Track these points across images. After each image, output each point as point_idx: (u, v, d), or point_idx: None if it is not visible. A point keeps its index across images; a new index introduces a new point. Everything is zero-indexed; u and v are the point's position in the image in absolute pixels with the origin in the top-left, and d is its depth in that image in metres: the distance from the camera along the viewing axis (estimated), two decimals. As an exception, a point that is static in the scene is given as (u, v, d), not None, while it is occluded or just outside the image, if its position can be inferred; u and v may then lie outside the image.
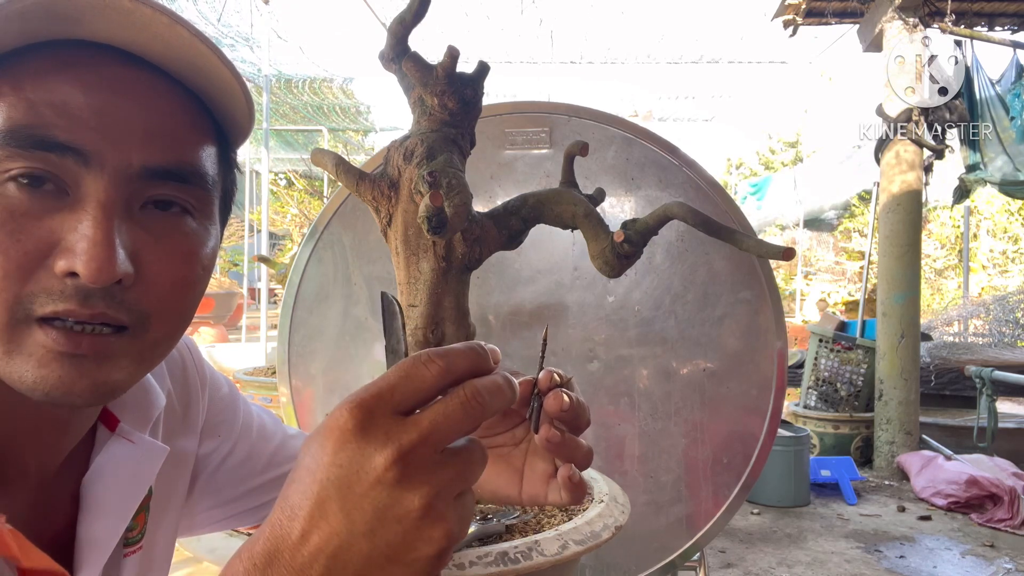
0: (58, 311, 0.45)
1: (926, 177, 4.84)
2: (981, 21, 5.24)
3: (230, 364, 5.23)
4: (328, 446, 0.37)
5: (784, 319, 2.14)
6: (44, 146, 0.45)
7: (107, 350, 0.48)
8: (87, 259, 0.45)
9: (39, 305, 0.45)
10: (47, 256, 0.45)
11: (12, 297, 0.45)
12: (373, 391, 0.38)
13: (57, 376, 0.46)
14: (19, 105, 0.45)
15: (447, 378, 0.40)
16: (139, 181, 0.48)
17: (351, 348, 2.23)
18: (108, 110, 0.47)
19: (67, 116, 0.46)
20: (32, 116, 0.45)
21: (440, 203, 1.08)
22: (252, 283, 9.86)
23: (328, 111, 10.93)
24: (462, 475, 0.39)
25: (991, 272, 13.05)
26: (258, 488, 0.78)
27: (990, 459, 4.25)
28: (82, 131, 0.46)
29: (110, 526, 0.57)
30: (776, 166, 19.14)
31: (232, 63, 0.51)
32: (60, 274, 0.45)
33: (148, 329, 0.50)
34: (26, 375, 0.46)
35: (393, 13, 1.51)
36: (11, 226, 0.44)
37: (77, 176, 0.46)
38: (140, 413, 0.61)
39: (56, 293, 0.45)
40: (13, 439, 0.51)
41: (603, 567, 2.10)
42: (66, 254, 0.45)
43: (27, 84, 0.46)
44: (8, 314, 0.45)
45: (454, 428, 0.39)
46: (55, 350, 0.46)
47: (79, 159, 0.46)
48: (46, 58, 0.47)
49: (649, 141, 2.17)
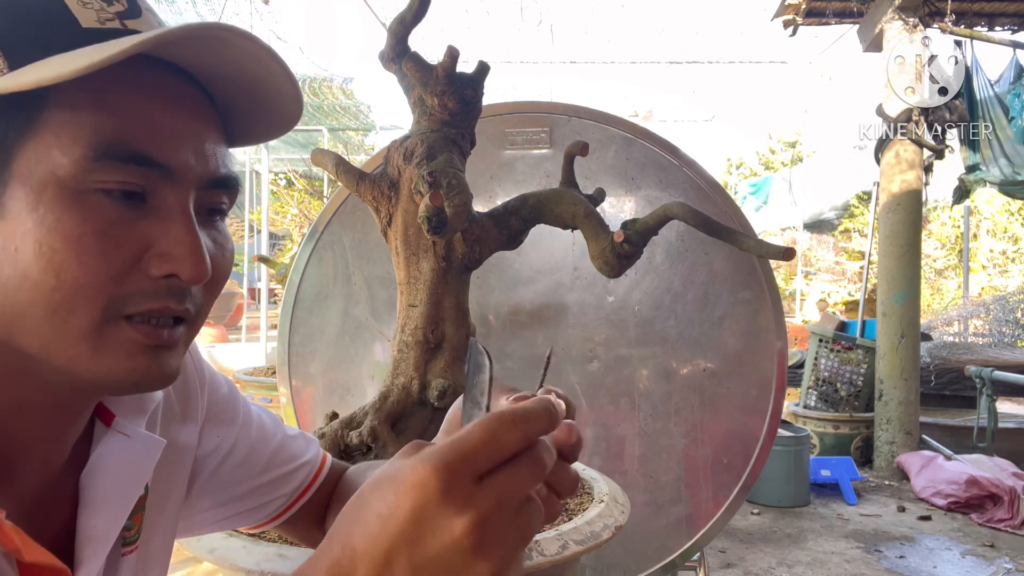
0: (154, 308, 0.50)
1: (926, 177, 4.84)
2: (981, 21, 5.24)
3: (230, 364, 5.23)
4: (407, 501, 0.38)
5: (784, 319, 2.14)
6: (137, 161, 0.48)
7: (175, 339, 0.53)
8: (189, 262, 0.50)
9: (133, 304, 0.49)
10: (139, 260, 0.49)
11: (107, 298, 0.48)
12: (458, 453, 0.39)
13: (145, 366, 0.51)
14: (107, 120, 0.48)
15: (525, 444, 0.41)
16: (204, 191, 0.53)
17: (351, 348, 2.23)
18: (182, 126, 0.51)
19: (153, 132, 0.49)
20: (123, 131, 0.48)
21: (440, 203, 1.08)
22: (252, 283, 9.86)
23: (328, 111, 10.92)
24: (524, 536, 0.40)
25: (991, 272, 13.05)
26: (257, 488, 0.78)
27: (990, 459, 4.25)
28: (166, 147, 0.50)
29: (109, 520, 0.57)
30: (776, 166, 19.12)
31: (300, 88, 0.57)
32: (158, 276, 0.50)
33: (199, 319, 0.56)
34: (116, 368, 0.50)
35: (393, 13, 1.51)
36: (111, 234, 0.48)
37: (158, 187, 0.50)
38: (135, 407, 0.62)
39: (150, 293, 0.50)
40: (22, 436, 0.52)
41: (603, 567, 2.10)
42: (164, 259, 0.50)
43: (110, 99, 0.48)
44: (102, 314, 0.48)
45: (523, 492, 0.40)
46: (144, 343, 0.50)
47: (163, 172, 0.50)
48: (120, 76, 0.49)
49: (649, 141, 2.17)
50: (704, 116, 13.19)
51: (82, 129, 0.47)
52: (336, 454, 1.25)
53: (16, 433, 0.52)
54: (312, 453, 0.83)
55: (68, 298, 0.47)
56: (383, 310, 2.21)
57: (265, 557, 1.03)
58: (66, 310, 0.47)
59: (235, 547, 1.06)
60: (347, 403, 2.16)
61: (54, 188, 0.46)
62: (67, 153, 0.46)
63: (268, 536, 1.11)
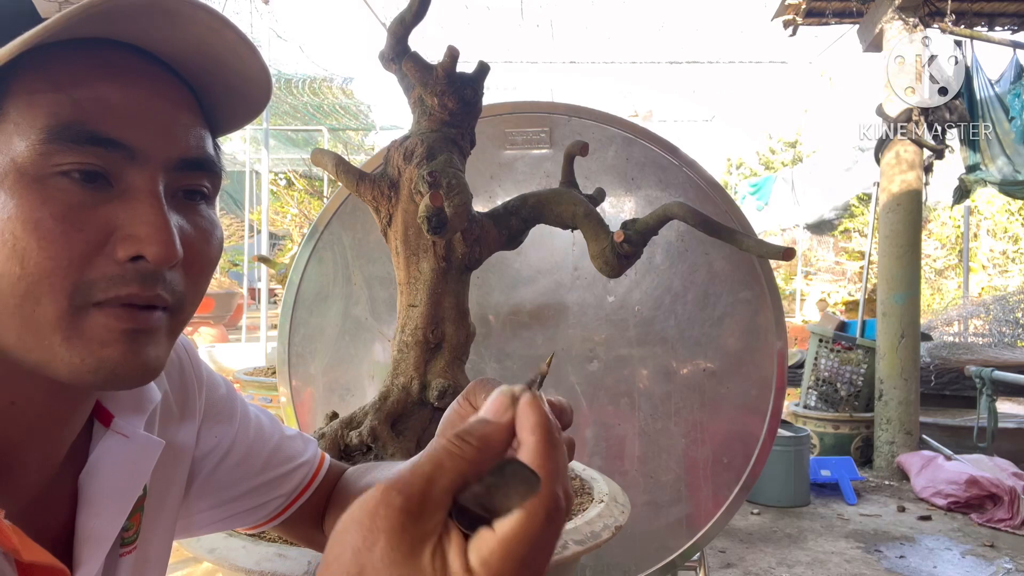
0: (121, 295, 0.48)
1: (926, 177, 4.84)
2: (981, 21, 5.24)
3: (230, 364, 5.23)
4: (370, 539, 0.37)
5: (784, 319, 2.14)
6: (95, 141, 0.47)
7: (153, 328, 0.51)
8: (155, 243, 0.48)
9: (100, 291, 0.48)
10: (104, 244, 0.48)
11: (72, 285, 0.47)
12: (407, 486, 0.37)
13: (119, 354, 0.49)
14: (64, 103, 0.47)
15: (480, 462, 0.39)
16: (176, 172, 0.52)
17: (351, 348, 2.23)
18: (146, 106, 0.50)
19: (112, 113, 0.48)
20: (79, 113, 0.47)
21: (440, 203, 1.08)
22: (252, 283, 9.85)
23: (328, 111, 10.91)
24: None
25: (991, 272, 13.05)
26: (255, 489, 0.77)
27: (990, 459, 4.25)
28: (127, 127, 0.49)
29: (108, 521, 0.57)
30: (776, 166, 19.11)
31: (265, 63, 0.55)
32: (123, 259, 0.48)
33: (183, 308, 0.53)
34: (88, 358, 0.48)
35: (393, 13, 1.51)
36: (71, 217, 0.47)
37: (122, 169, 0.49)
38: (134, 407, 0.62)
39: (117, 278, 0.48)
40: (16, 435, 0.52)
41: (603, 567, 2.10)
42: (129, 240, 0.48)
43: (67, 82, 0.48)
44: (68, 301, 0.47)
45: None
46: (118, 328, 0.48)
47: (126, 154, 0.49)
48: (79, 57, 0.49)
49: (649, 141, 2.17)
50: (704, 116, 13.22)
51: (39, 114, 0.47)
52: (336, 454, 1.25)
53: (10, 433, 0.51)
54: (310, 453, 0.83)
55: (33, 286, 0.46)
56: (383, 310, 2.21)
57: (265, 557, 1.03)
58: (33, 299, 0.46)
59: (235, 547, 1.06)
60: (347, 403, 2.16)
61: (14, 175, 0.46)
62: (25, 139, 0.46)
63: (267, 536, 1.11)
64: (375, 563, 0.36)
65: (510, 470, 0.40)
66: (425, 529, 0.37)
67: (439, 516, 0.38)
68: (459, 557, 0.37)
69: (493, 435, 0.41)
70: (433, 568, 0.36)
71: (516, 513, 0.38)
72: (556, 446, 0.41)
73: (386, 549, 0.36)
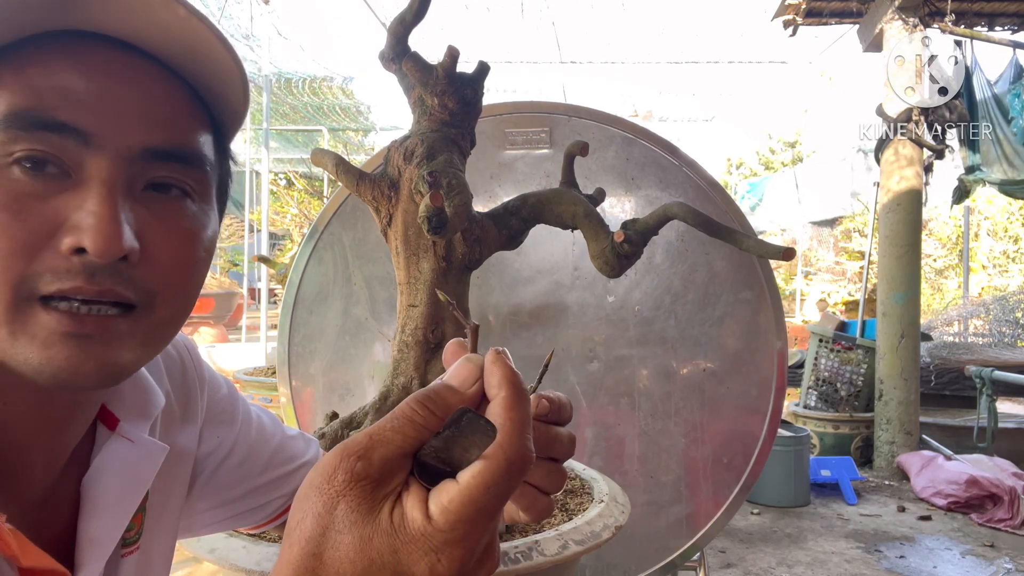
0: (64, 289, 0.46)
1: (926, 177, 4.84)
2: (981, 21, 5.24)
3: (230, 364, 5.23)
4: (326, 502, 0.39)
5: (784, 319, 2.14)
6: (45, 127, 0.46)
7: (114, 330, 0.48)
8: (94, 233, 0.45)
9: (44, 284, 0.46)
10: (52, 236, 0.46)
11: (16, 276, 0.45)
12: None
13: (63, 357, 0.46)
14: (21, 91, 0.46)
15: (431, 426, 0.41)
16: (140, 162, 0.49)
17: (351, 348, 2.23)
18: (107, 92, 0.48)
19: (68, 99, 0.47)
20: (34, 100, 0.46)
21: (440, 203, 1.08)
22: (252, 283, 9.86)
23: (328, 111, 10.91)
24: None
25: (991, 272, 13.04)
26: (257, 489, 0.77)
27: (990, 459, 4.25)
28: (82, 113, 0.47)
29: (110, 525, 0.57)
30: (776, 166, 19.11)
31: (228, 40, 0.52)
32: (67, 251, 0.46)
33: (155, 309, 0.50)
34: (31, 357, 0.46)
35: (393, 13, 1.51)
36: (15, 207, 0.45)
37: (79, 157, 0.47)
38: (140, 412, 0.61)
39: (62, 271, 0.46)
40: (17, 438, 0.52)
41: (603, 567, 2.10)
42: (72, 231, 0.46)
43: (28, 71, 0.47)
44: (12, 293, 0.45)
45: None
46: (59, 331, 0.46)
47: (80, 140, 0.47)
48: (44, 47, 0.48)
49: (649, 141, 2.17)
50: (704, 116, 13.19)
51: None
52: (336, 454, 1.25)
53: (11, 435, 0.51)
54: (312, 453, 0.83)
55: None
56: (383, 310, 2.21)
57: (265, 557, 1.03)
58: None
59: (235, 547, 1.06)
60: (347, 403, 2.16)
61: None
62: None
63: (268, 536, 1.11)
64: (336, 524, 0.38)
65: (466, 420, 0.41)
66: (384, 492, 0.39)
67: (399, 478, 0.39)
68: (418, 507, 0.39)
69: (458, 405, 0.42)
70: (391, 522, 0.38)
71: (478, 463, 0.40)
72: (524, 399, 0.43)
73: (345, 511, 0.38)
